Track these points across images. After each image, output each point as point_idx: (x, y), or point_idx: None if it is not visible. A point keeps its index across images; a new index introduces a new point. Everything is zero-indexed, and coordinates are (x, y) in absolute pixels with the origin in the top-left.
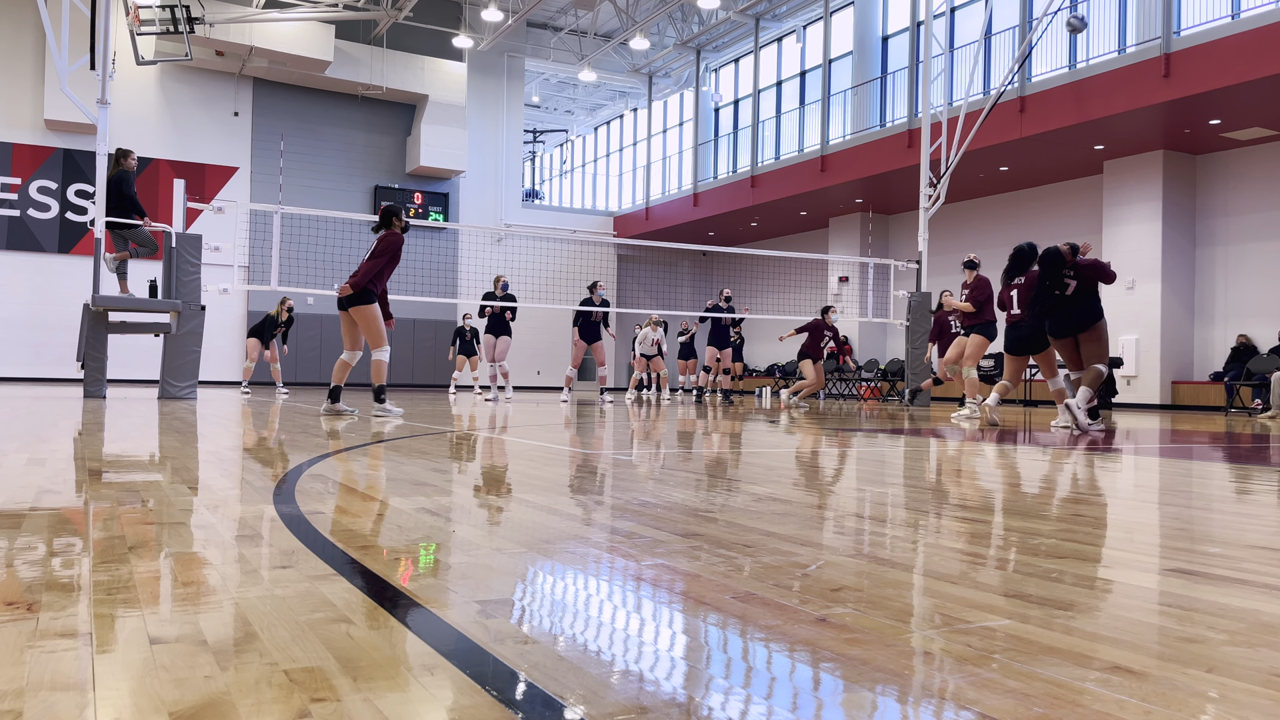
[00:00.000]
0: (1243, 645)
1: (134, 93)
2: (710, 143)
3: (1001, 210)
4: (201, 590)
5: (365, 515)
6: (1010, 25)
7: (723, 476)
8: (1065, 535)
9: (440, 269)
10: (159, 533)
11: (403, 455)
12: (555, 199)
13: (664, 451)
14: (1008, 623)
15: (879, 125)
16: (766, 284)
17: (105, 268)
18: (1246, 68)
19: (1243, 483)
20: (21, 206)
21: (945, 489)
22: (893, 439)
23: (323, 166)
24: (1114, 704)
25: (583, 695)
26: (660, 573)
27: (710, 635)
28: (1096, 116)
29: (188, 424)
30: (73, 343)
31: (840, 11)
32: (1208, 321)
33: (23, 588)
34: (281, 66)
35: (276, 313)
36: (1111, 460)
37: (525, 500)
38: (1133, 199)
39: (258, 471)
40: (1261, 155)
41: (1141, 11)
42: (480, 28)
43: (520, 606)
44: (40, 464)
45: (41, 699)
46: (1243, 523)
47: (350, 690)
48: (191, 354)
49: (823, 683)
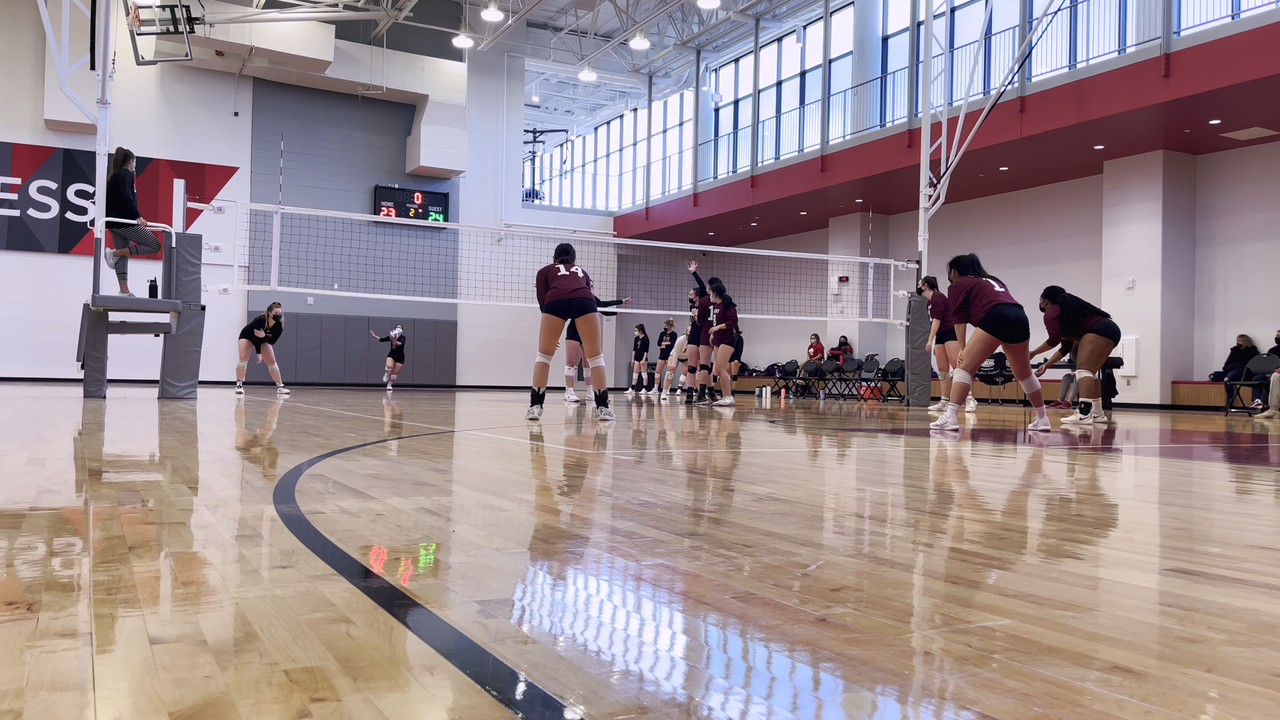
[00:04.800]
0: (1243, 645)
1: (134, 93)
2: (710, 143)
3: (1001, 210)
4: (201, 590)
5: (365, 515)
6: (1010, 25)
7: (722, 476)
8: (1065, 535)
9: (440, 269)
10: (159, 533)
11: (403, 455)
12: (555, 199)
13: (663, 451)
14: (1008, 623)
15: (879, 125)
16: (766, 284)
17: (105, 263)
18: (1246, 68)
19: (1243, 483)
20: (21, 206)
21: (945, 489)
22: (892, 439)
23: (323, 166)
24: (1114, 704)
25: (583, 695)
26: (660, 573)
27: (710, 635)
28: (1096, 116)
29: (188, 424)
30: (73, 343)
31: (840, 11)
32: (1208, 321)
33: (23, 588)
34: (281, 66)
35: (264, 317)
36: (1111, 460)
37: (525, 500)
38: (1133, 199)
39: (258, 471)
40: (1261, 155)
41: (1141, 11)
42: (480, 28)
43: (520, 606)
44: (40, 464)
45: (41, 699)
46: (1243, 523)
47: (350, 690)
48: (191, 354)
49: (823, 683)
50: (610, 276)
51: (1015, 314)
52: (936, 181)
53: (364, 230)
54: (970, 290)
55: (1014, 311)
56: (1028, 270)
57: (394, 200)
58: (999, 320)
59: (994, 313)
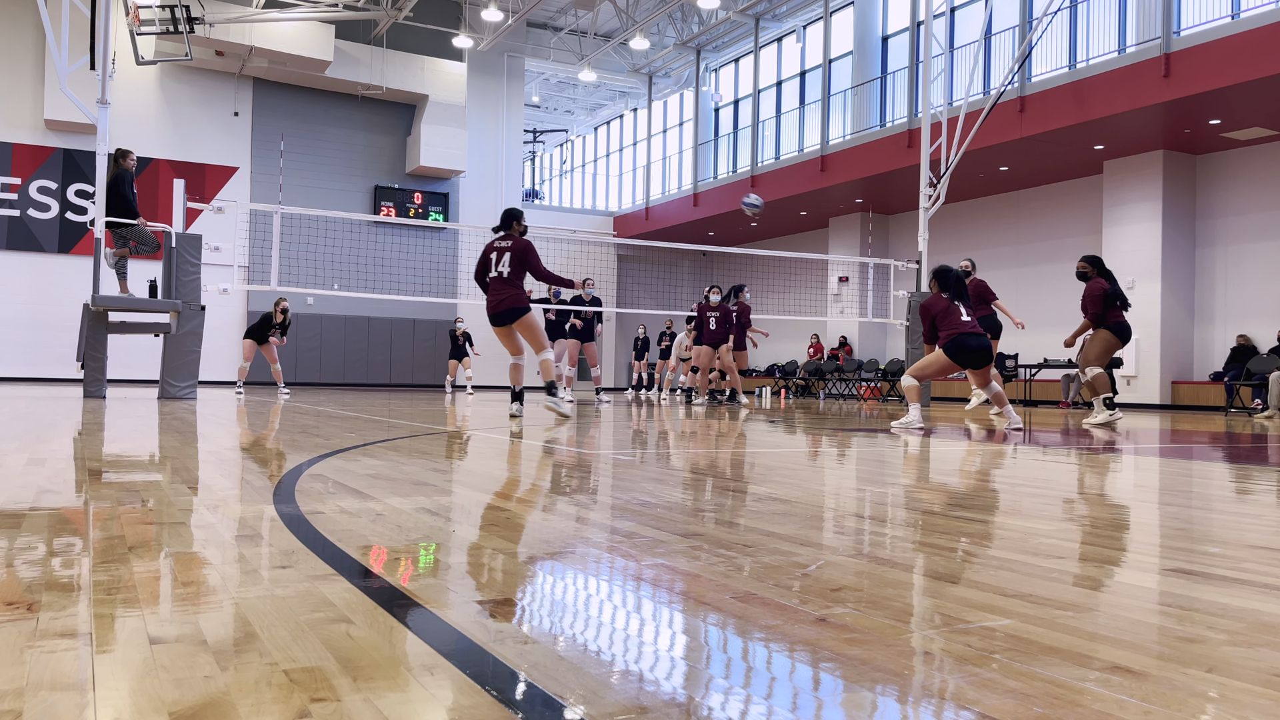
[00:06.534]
0: (1243, 645)
1: (134, 93)
2: (710, 143)
3: (1001, 210)
4: (201, 590)
5: (365, 515)
6: (1010, 25)
7: (722, 476)
8: (1065, 535)
9: (440, 269)
10: (159, 533)
11: (403, 455)
12: (555, 199)
13: (662, 451)
14: (1008, 623)
15: (879, 125)
16: (766, 284)
17: (105, 263)
18: (1246, 68)
19: (1243, 483)
20: (21, 206)
21: (945, 488)
22: (892, 439)
23: (323, 166)
24: (1114, 704)
25: (583, 695)
26: (660, 573)
27: (710, 635)
28: (1096, 116)
29: (188, 424)
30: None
31: (840, 11)
32: (1208, 321)
33: (23, 588)
34: (281, 66)
35: (271, 314)
36: (1111, 460)
37: (525, 500)
38: (1133, 199)
39: (257, 471)
40: (1261, 155)
41: (1141, 11)
42: (480, 28)
43: (520, 606)
44: (40, 464)
45: (41, 699)
46: (1243, 523)
47: (350, 690)
48: (191, 354)
49: (823, 683)
50: (610, 276)
51: (977, 343)
52: (936, 181)
53: (364, 230)
54: (936, 315)
55: (976, 340)
56: (1028, 270)
57: (394, 200)
58: (960, 349)
59: (956, 342)
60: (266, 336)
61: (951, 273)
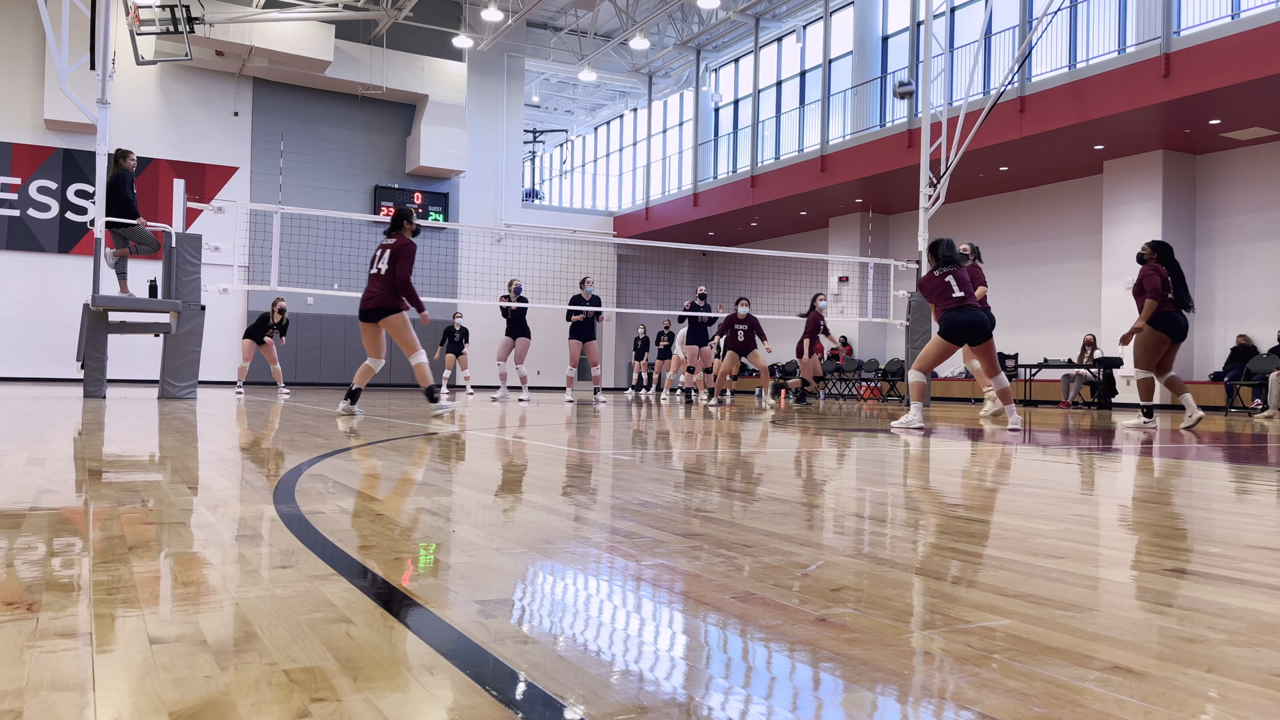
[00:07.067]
0: (1243, 645)
1: (134, 93)
2: (710, 143)
3: (1001, 210)
4: (201, 590)
5: (365, 515)
6: (1010, 25)
7: (722, 476)
8: (1065, 535)
9: (440, 269)
10: (159, 533)
11: (403, 455)
12: (555, 199)
13: (662, 451)
14: (1008, 623)
15: (879, 125)
16: (766, 284)
17: (105, 263)
18: (1246, 68)
19: (1242, 483)
20: (21, 206)
21: (945, 489)
22: (892, 439)
23: (323, 166)
24: (1114, 704)
25: (583, 695)
26: (660, 573)
27: (710, 635)
28: (1096, 116)
29: (188, 424)
30: (73, 343)
31: (840, 11)
32: (1208, 321)
33: (23, 588)
34: (281, 66)
35: (269, 314)
36: (1111, 460)
37: (525, 500)
38: (1133, 199)
39: (257, 471)
40: (1261, 155)
41: (1141, 11)
42: (480, 28)
43: (520, 606)
44: (40, 464)
45: (41, 699)
46: (1243, 523)
47: (350, 690)
48: (191, 354)
49: (823, 683)
50: (610, 276)
51: (965, 318)
52: (936, 181)
53: (364, 230)
54: (930, 294)
55: (963, 316)
56: (1028, 270)
57: (394, 200)
58: (949, 326)
59: (945, 319)
60: (264, 337)
61: (940, 242)
